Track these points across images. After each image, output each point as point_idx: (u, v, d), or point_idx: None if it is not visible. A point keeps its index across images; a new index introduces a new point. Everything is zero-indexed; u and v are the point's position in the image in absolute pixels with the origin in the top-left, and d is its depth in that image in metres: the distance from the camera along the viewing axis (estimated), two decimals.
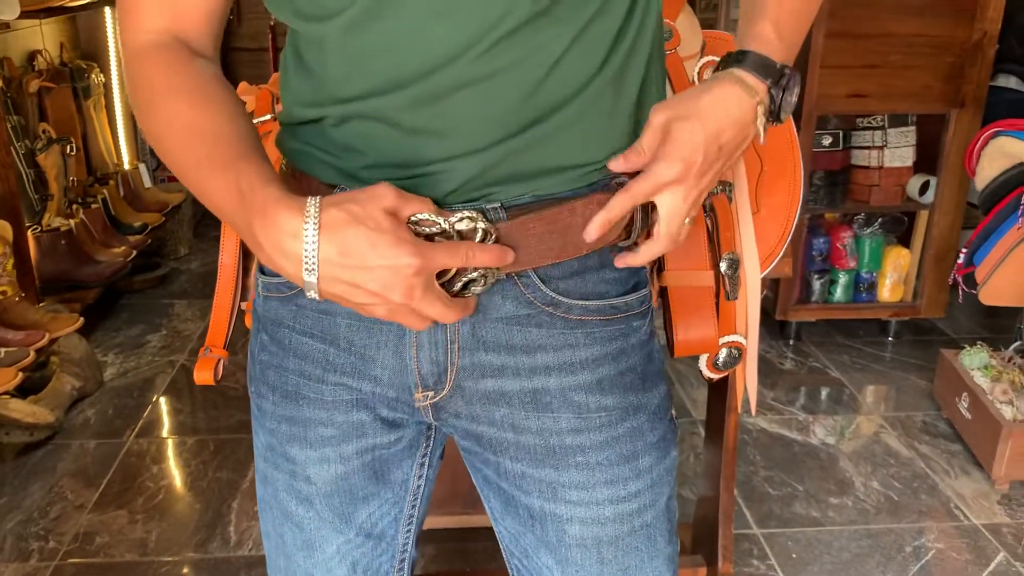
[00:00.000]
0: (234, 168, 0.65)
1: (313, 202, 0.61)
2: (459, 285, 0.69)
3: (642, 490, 0.78)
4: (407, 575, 0.89)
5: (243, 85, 1.19)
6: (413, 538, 0.88)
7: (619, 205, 0.70)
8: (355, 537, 0.83)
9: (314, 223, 0.60)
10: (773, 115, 0.73)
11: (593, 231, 0.70)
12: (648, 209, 0.76)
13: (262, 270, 0.82)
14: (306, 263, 0.61)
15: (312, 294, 0.63)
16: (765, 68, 0.72)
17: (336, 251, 0.61)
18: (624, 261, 0.75)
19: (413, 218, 0.65)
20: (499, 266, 0.69)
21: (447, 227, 0.67)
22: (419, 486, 0.85)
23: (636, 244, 0.76)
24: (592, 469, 0.76)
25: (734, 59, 0.73)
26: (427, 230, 0.66)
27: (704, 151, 0.69)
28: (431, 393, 0.76)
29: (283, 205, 0.61)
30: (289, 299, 0.78)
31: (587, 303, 0.75)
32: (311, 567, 0.84)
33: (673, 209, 0.71)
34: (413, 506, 0.86)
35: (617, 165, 0.71)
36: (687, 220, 0.72)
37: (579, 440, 0.76)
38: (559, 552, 0.79)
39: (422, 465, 0.85)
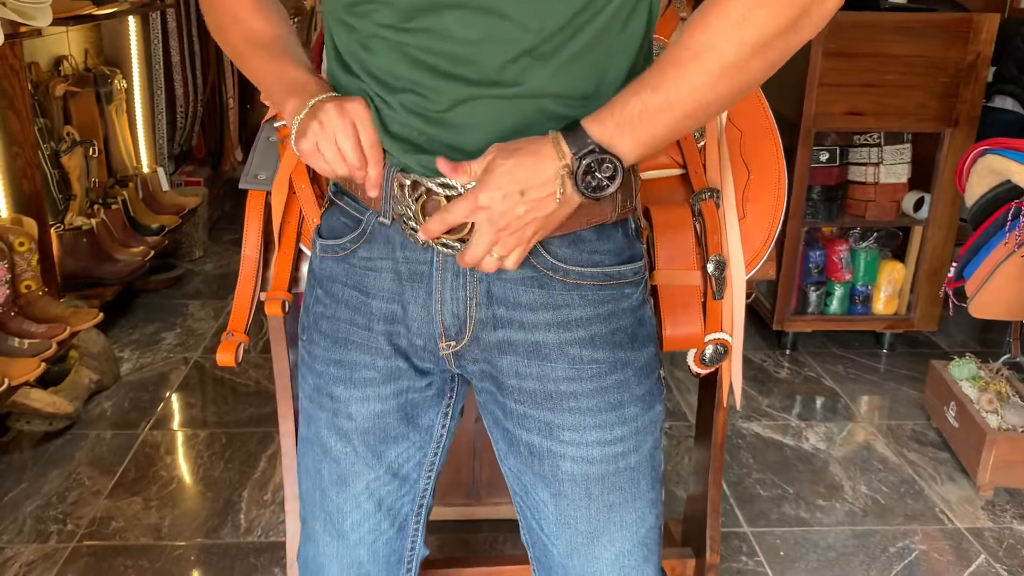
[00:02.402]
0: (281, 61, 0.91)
1: (312, 101, 0.85)
2: None
3: (627, 435, 0.89)
4: (424, 520, 1.00)
5: None
6: (432, 485, 0.99)
7: (437, 222, 0.80)
8: (383, 475, 0.94)
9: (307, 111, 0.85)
10: (584, 188, 0.77)
11: (420, 235, 0.82)
12: (634, 192, 0.89)
13: (320, 235, 0.95)
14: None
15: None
16: (577, 140, 0.76)
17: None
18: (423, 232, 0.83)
19: (439, 181, 0.82)
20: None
21: (463, 191, 0.81)
22: (441, 435, 0.97)
23: (619, 222, 0.89)
24: (583, 413, 0.88)
25: (568, 124, 0.78)
26: (447, 192, 0.82)
27: (505, 192, 0.76)
28: (453, 343, 0.88)
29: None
30: (343, 259, 0.92)
31: (582, 269, 0.86)
32: (342, 501, 0.95)
33: (480, 233, 0.78)
34: (435, 453, 0.97)
35: (443, 167, 0.79)
36: (494, 255, 0.79)
37: (573, 387, 0.87)
38: (553, 486, 0.90)
39: (446, 415, 0.97)
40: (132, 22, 3.43)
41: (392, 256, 0.88)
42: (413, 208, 0.84)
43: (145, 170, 3.53)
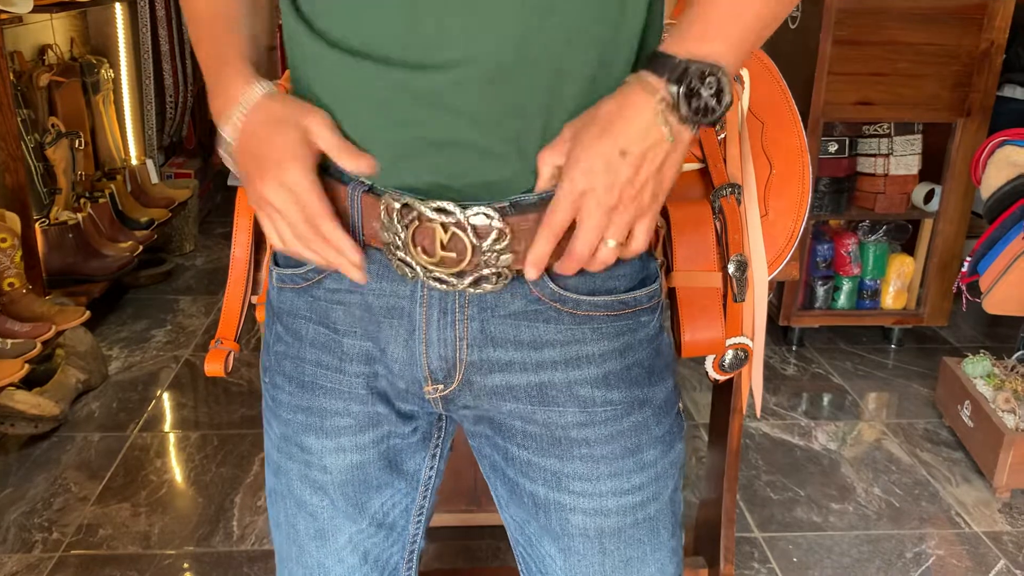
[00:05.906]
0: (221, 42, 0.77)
1: (254, 92, 0.72)
2: (469, 280, 0.70)
3: (646, 483, 0.79)
4: (415, 566, 0.91)
5: None
6: (423, 529, 0.89)
7: (543, 241, 0.68)
8: (367, 527, 0.84)
9: (241, 112, 0.73)
10: (690, 115, 0.66)
11: (532, 273, 0.69)
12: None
13: (276, 262, 0.83)
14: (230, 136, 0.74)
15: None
16: (663, 65, 0.66)
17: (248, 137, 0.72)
18: (530, 274, 0.70)
19: (434, 205, 0.68)
20: (512, 265, 0.70)
21: (462, 219, 0.68)
22: (430, 477, 0.86)
23: (652, 251, 0.80)
24: (596, 461, 0.77)
25: (644, 62, 0.68)
26: (443, 218, 0.68)
27: (605, 159, 0.65)
28: (441, 386, 0.77)
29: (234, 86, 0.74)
30: (305, 290, 0.79)
31: (594, 298, 0.75)
32: (323, 556, 0.85)
33: (589, 222, 0.66)
34: (424, 497, 0.87)
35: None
36: (610, 242, 0.68)
37: (584, 433, 0.77)
38: (562, 541, 0.80)
39: (434, 456, 0.86)
40: (119, 9, 3.34)
41: (359, 289, 0.75)
42: (402, 236, 0.70)
43: (134, 162, 3.45)
